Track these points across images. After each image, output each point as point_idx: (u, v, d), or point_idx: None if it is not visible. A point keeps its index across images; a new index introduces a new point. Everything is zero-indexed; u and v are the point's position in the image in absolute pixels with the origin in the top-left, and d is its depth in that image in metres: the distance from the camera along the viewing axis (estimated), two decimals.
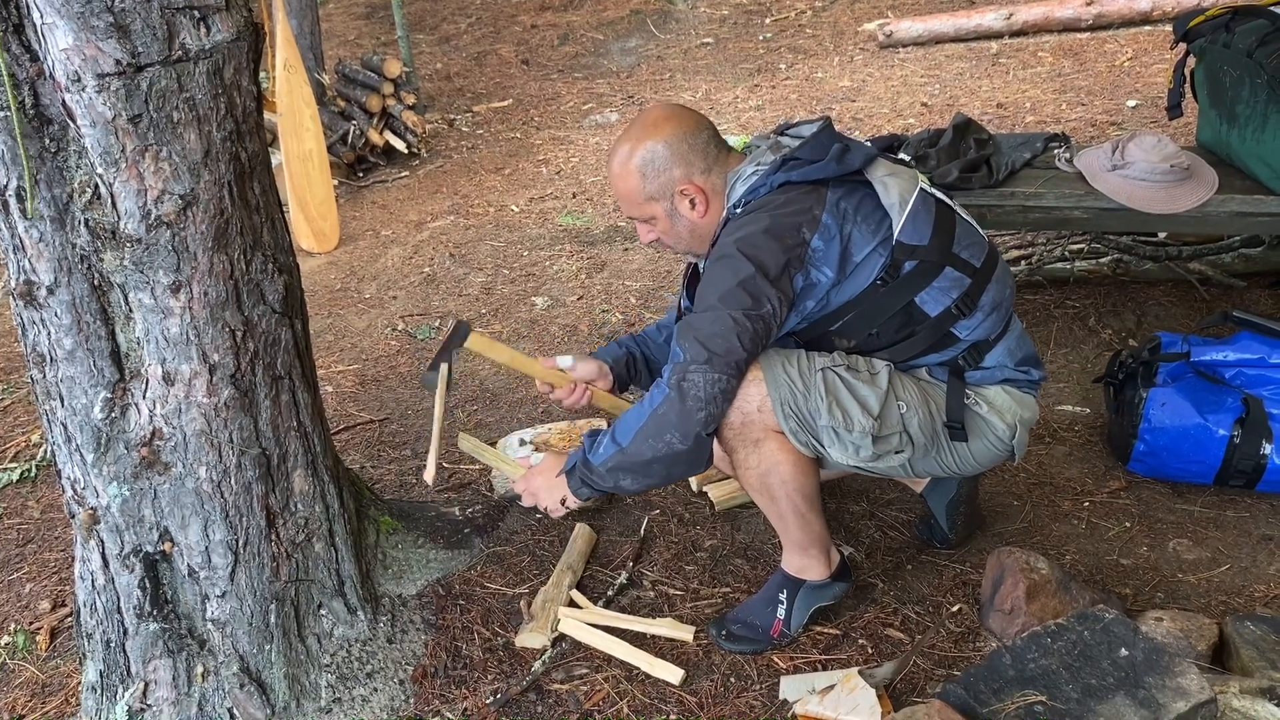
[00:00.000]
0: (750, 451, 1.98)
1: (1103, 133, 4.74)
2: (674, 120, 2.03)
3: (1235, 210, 2.71)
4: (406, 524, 2.45)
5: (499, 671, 2.15)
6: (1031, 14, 6.27)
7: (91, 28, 1.58)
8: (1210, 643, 1.92)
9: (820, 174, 1.93)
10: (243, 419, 1.95)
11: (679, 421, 1.87)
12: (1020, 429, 2.06)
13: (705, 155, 2.02)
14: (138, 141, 1.68)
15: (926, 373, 2.04)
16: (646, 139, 2.01)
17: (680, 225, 2.06)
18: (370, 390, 3.45)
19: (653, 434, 1.88)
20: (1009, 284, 2.08)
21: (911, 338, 1.99)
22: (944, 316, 1.98)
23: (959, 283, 1.97)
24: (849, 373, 1.95)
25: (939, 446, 2.03)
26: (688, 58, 7.16)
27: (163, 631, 1.99)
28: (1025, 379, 2.08)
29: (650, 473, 1.93)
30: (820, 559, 2.13)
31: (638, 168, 2.01)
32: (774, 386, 1.91)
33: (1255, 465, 2.42)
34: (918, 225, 1.94)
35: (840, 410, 1.92)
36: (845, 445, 1.94)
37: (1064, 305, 3.38)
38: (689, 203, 2.03)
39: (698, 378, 1.86)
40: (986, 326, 2.02)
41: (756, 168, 2.00)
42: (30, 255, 1.77)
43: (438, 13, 8.99)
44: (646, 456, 1.90)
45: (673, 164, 2.00)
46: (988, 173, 2.90)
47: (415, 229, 4.95)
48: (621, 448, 1.92)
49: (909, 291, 1.95)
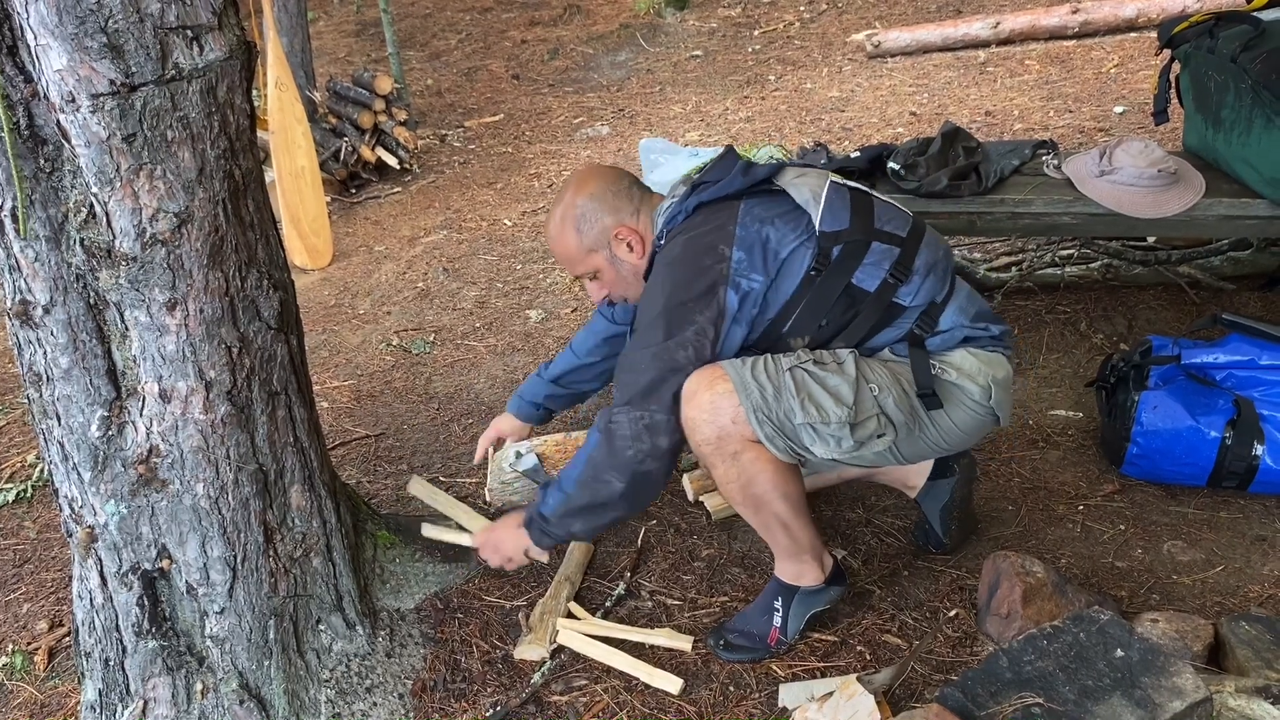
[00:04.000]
0: (729, 465, 1.99)
1: (1090, 139, 4.77)
2: (594, 175, 2.17)
3: (1223, 214, 2.73)
4: (404, 538, 2.45)
5: (498, 684, 2.15)
6: (1018, 22, 6.31)
7: (85, 48, 1.60)
8: (1206, 643, 1.93)
9: (730, 188, 2.03)
10: (239, 435, 1.95)
11: (611, 462, 1.96)
12: (995, 389, 2.05)
13: (630, 199, 2.14)
14: (132, 160, 1.69)
15: (889, 352, 2.06)
16: (575, 198, 2.13)
17: (624, 270, 2.16)
18: (366, 405, 3.46)
19: (591, 478, 1.99)
20: (940, 247, 2.11)
21: (858, 317, 2.02)
22: (883, 288, 2.01)
23: (888, 254, 2.02)
24: (816, 366, 1.97)
25: (920, 423, 2.03)
26: (677, 70, 7.20)
27: (161, 649, 1.99)
28: (986, 335, 2.08)
29: (598, 514, 2.03)
30: (813, 565, 2.14)
31: (574, 225, 2.12)
32: (745, 394, 1.92)
33: (1247, 466, 2.44)
34: (835, 212, 2.01)
35: (814, 405, 1.93)
36: (825, 440, 1.94)
37: (1055, 311, 3.40)
38: (626, 246, 2.13)
39: (621, 418, 1.95)
40: (928, 288, 2.04)
41: (672, 199, 2.12)
42: (26, 275, 1.78)
43: (428, 29, 9.03)
44: (590, 500, 2.00)
45: (603, 212, 2.12)
46: (977, 180, 2.92)
47: (408, 244, 4.96)
48: (567, 495, 2.03)
49: (844, 274, 1.99)
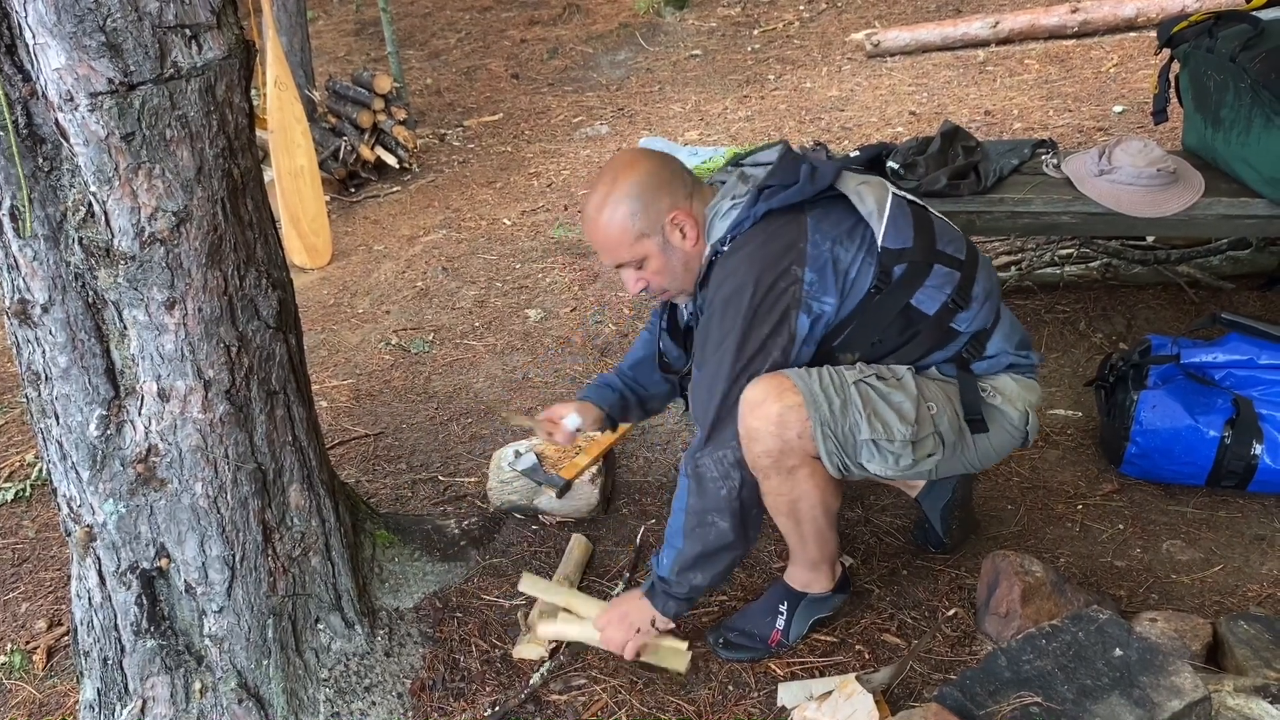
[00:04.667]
0: (784, 479, 1.95)
1: (1089, 138, 4.77)
2: (645, 156, 2.03)
3: (1222, 213, 2.73)
4: (403, 537, 2.45)
5: (497, 683, 2.15)
6: (1017, 22, 6.31)
7: (84, 47, 1.59)
8: (1204, 642, 1.93)
9: (799, 196, 1.92)
10: (238, 434, 1.95)
11: (710, 505, 1.94)
12: (1030, 413, 2.08)
13: (684, 183, 2.02)
14: (131, 159, 1.69)
15: (936, 370, 2.04)
16: (625, 179, 1.97)
17: (674, 259, 2.01)
18: (365, 405, 3.46)
19: (696, 525, 1.96)
20: (993, 272, 2.10)
21: (915, 338, 1.99)
22: (942, 312, 1.98)
23: (950, 278, 1.98)
24: (879, 381, 1.94)
25: (964, 443, 2.03)
26: (677, 70, 7.20)
27: (160, 648, 1.99)
28: (1026, 363, 2.10)
29: (716, 560, 1.99)
30: (827, 574, 2.15)
31: (624, 206, 1.96)
32: (814, 407, 1.88)
33: (1246, 466, 2.44)
34: (899, 229, 1.95)
35: (880, 421, 1.90)
36: (885, 456, 1.92)
37: (1054, 310, 3.40)
38: (679, 233, 1.99)
39: (706, 460, 1.94)
40: (983, 316, 2.03)
41: (734, 200, 1.98)
42: (25, 274, 1.78)
43: (427, 28, 9.03)
44: (702, 548, 1.97)
45: (659, 194, 1.97)
46: (976, 180, 2.92)
47: (408, 243, 4.96)
48: (678, 550, 1.98)
49: (904, 295, 1.96)
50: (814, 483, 1.97)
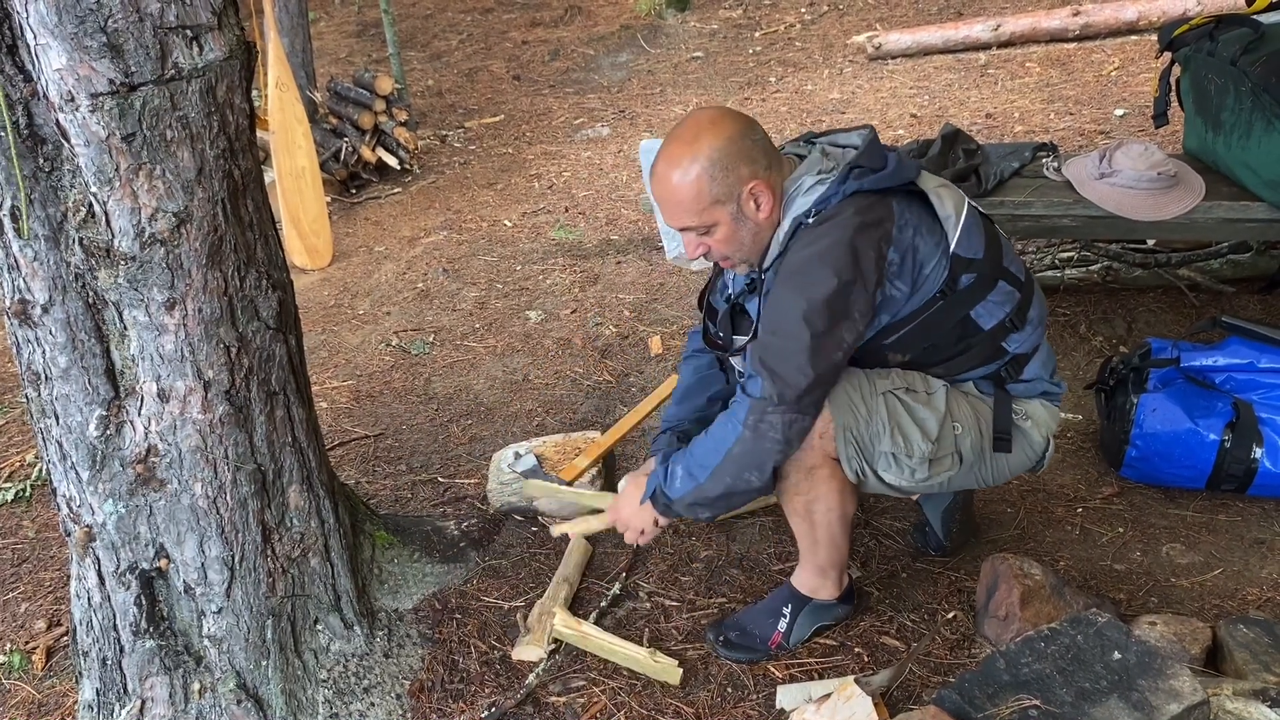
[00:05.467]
0: (802, 478, 1.96)
1: (1090, 141, 4.78)
2: (729, 118, 1.89)
3: (1222, 216, 2.73)
4: (402, 538, 2.45)
5: (496, 685, 2.15)
6: (1019, 25, 6.32)
7: (85, 48, 1.60)
8: (1204, 646, 1.93)
9: (889, 182, 1.86)
10: (238, 435, 1.95)
11: (757, 462, 1.88)
12: (1050, 441, 2.09)
13: (766, 152, 1.89)
14: (131, 160, 1.69)
15: (974, 386, 2.02)
16: (706, 140, 1.84)
17: (744, 230, 1.91)
18: (365, 406, 3.46)
19: (730, 473, 1.90)
20: (1044, 299, 2.08)
21: (967, 352, 1.97)
22: (998, 330, 1.96)
23: (1011, 296, 1.96)
24: (909, 395, 1.93)
25: (982, 463, 2.03)
26: (678, 72, 7.20)
27: (159, 648, 1.99)
28: (1056, 391, 2.10)
29: (727, 502, 1.97)
30: (835, 581, 2.15)
31: (704, 169, 1.83)
32: (838, 411, 1.88)
33: (1246, 469, 2.44)
34: (971, 238, 1.92)
35: (901, 436, 1.91)
36: (901, 469, 1.93)
37: (1055, 313, 3.40)
38: (754, 203, 1.88)
39: (776, 419, 1.83)
40: (1033, 340, 2.02)
41: (820, 175, 1.89)
42: (25, 274, 1.78)
43: (429, 30, 9.04)
44: (724, 491, 1.93)
45: (740, 162, 1.85)
46: (976, 182, 2.92)
47: (408, 245, 4.96)
48: (699, 483, 1.93)
49: (966, 305, 1.93)
50: (832, 485, 1.97)
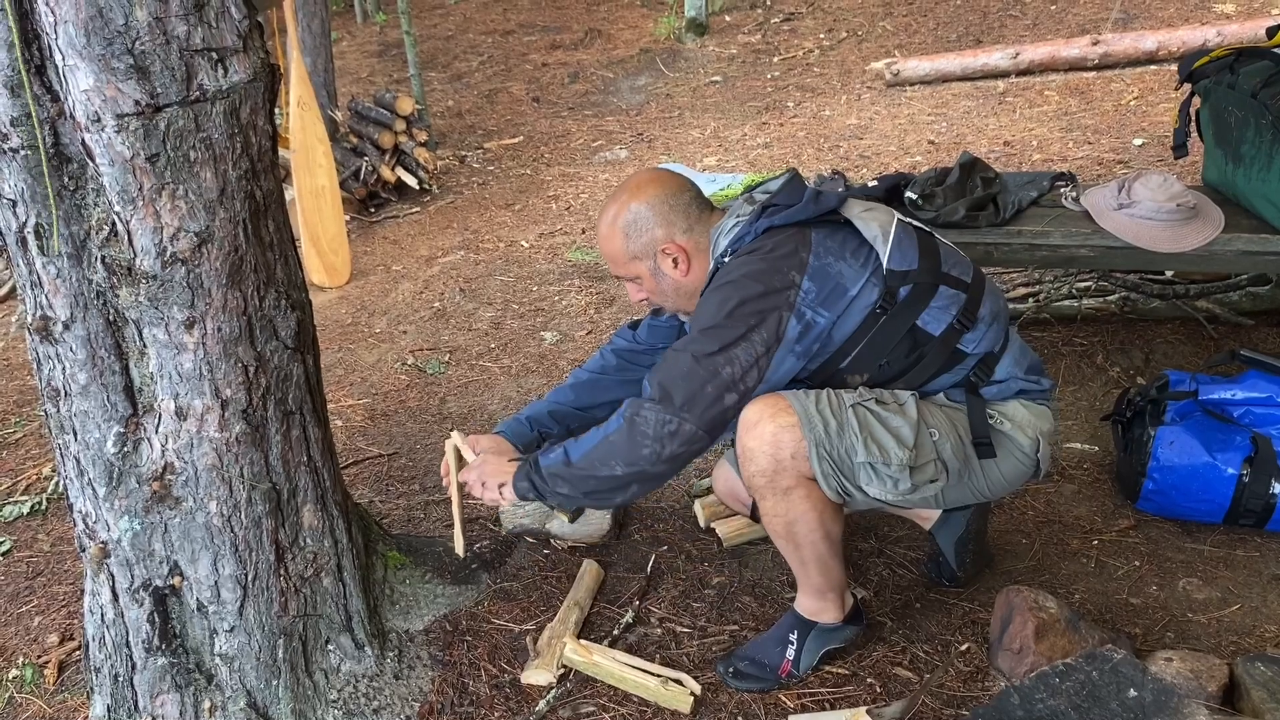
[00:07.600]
0: (779, 499, 1.97)
1: (1109, 171, 4.77)
2: (656, 183, 2.09)
3: (1242, 249, 2.72)
4: (414, 559, 2.45)
5: (505, 708, 2.14)
6: (1038, 53, 6.33)
7: (112, 69, 1.62)
8: (1220, 684, 1.91)
9: (801, 215, 1.97)
10: (254, 454, 1.96)
11: (624, 452, 1.91)
12: (1042, 442, 2.07)
13: (687, 215, 2.07)
14: (155, 180, 1.71)
15: (944, 396, 2.04)
16: (630, 201, 2.07)
17: (664, 284, 2.11)
18: (379, 424, 3.47)
19: (599, 457, 1.94)
20: (1000, 295, 2.11)
21: (922, 360, 2.00)
22: (948, 334, 1.99)
23: (955, 299, 2.00)
24: (879, 405, 1.95)
25: (971, 471, 2.04)
26: (696, 96, 7.24)
27: (171, 666, 2.00)
28: (1037, 389, 2.10)
29: (588, 490, 1.98)
30: (835, 603, 2.13)
31: (622, 229, 2.07)
32: (809, 428, 1.90)
33: (1265, 504, 2.42)
34: (904, 251, 1.97)
35: (876, 444, 1.91)
36: (883, 480, 1.93)
37: (1072, 343, 3.39)
38: (671, 261, 2.07)
39: (650, 415, 1.90)
40: (990, 337, 2.04)
41: (737, 219, 2.05)
42: (47, 291, 1.80)
43: (450, 51, 9.11)
44: (586, 474, 1.96)
45: (655, 224, 2.06)
46: (994, 211, 2.92)
47: (426, 264, 4.99)
48: (569, 460, 1.98)
49: (910, 315, 1.97)
50: (810, 504, 1.97)
